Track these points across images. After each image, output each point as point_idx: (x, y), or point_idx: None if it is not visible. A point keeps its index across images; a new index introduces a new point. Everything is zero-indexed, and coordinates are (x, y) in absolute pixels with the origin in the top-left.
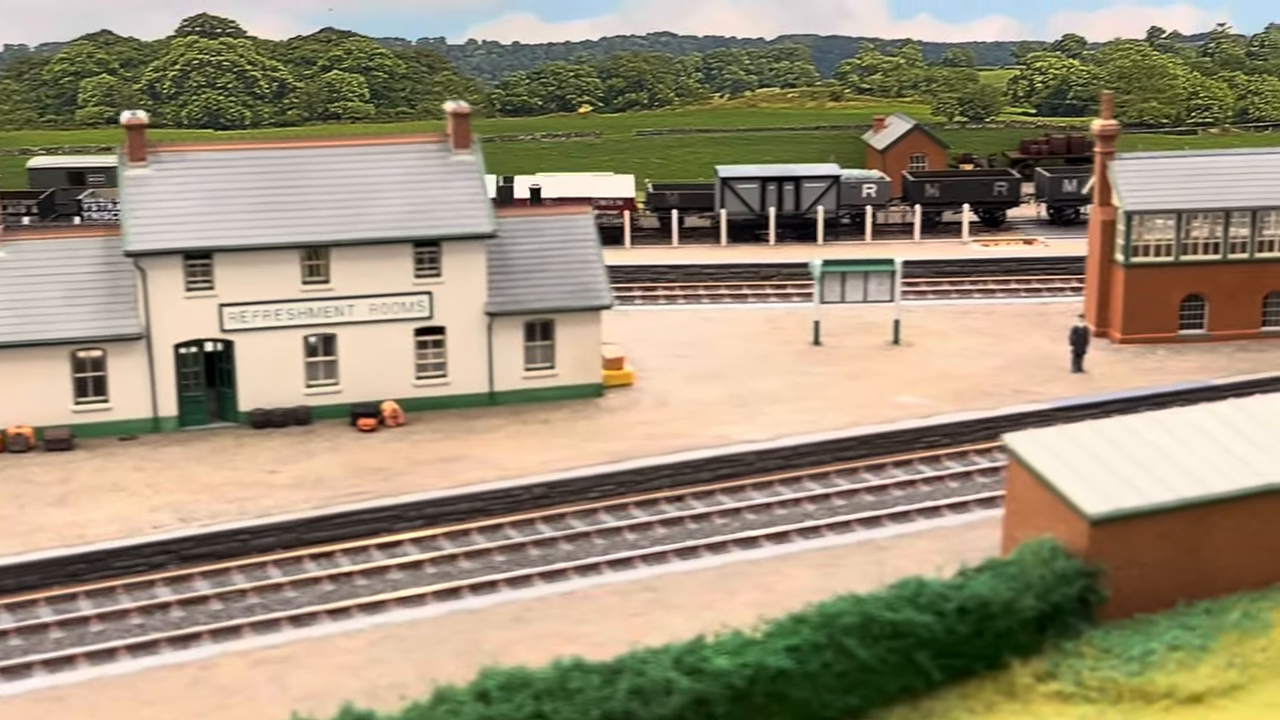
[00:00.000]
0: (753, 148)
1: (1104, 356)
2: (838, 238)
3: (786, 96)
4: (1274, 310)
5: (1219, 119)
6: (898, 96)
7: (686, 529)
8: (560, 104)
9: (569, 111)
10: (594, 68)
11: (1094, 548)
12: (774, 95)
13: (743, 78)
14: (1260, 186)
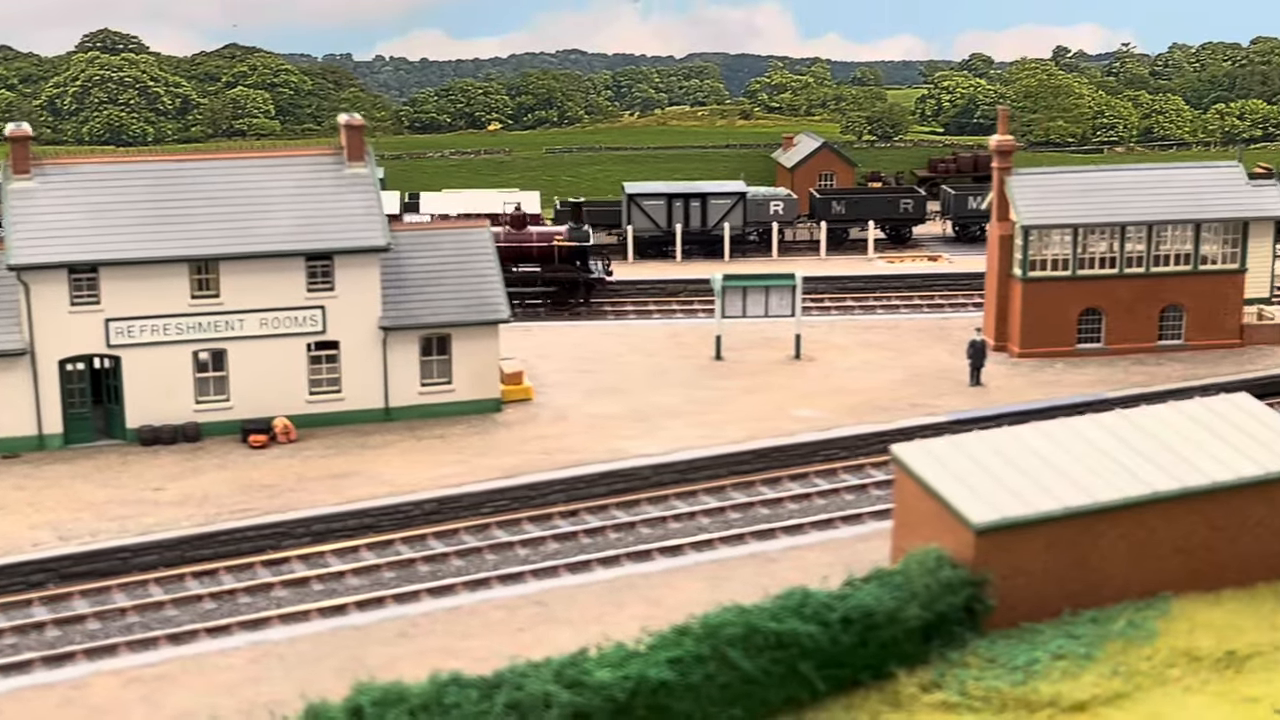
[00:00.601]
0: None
1: (1002, 370)
2: (745, 254)
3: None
4: (1170, 324)
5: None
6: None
7: (579, 543)
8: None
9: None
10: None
11: (980, 557)
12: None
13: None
14: (1156, 201)
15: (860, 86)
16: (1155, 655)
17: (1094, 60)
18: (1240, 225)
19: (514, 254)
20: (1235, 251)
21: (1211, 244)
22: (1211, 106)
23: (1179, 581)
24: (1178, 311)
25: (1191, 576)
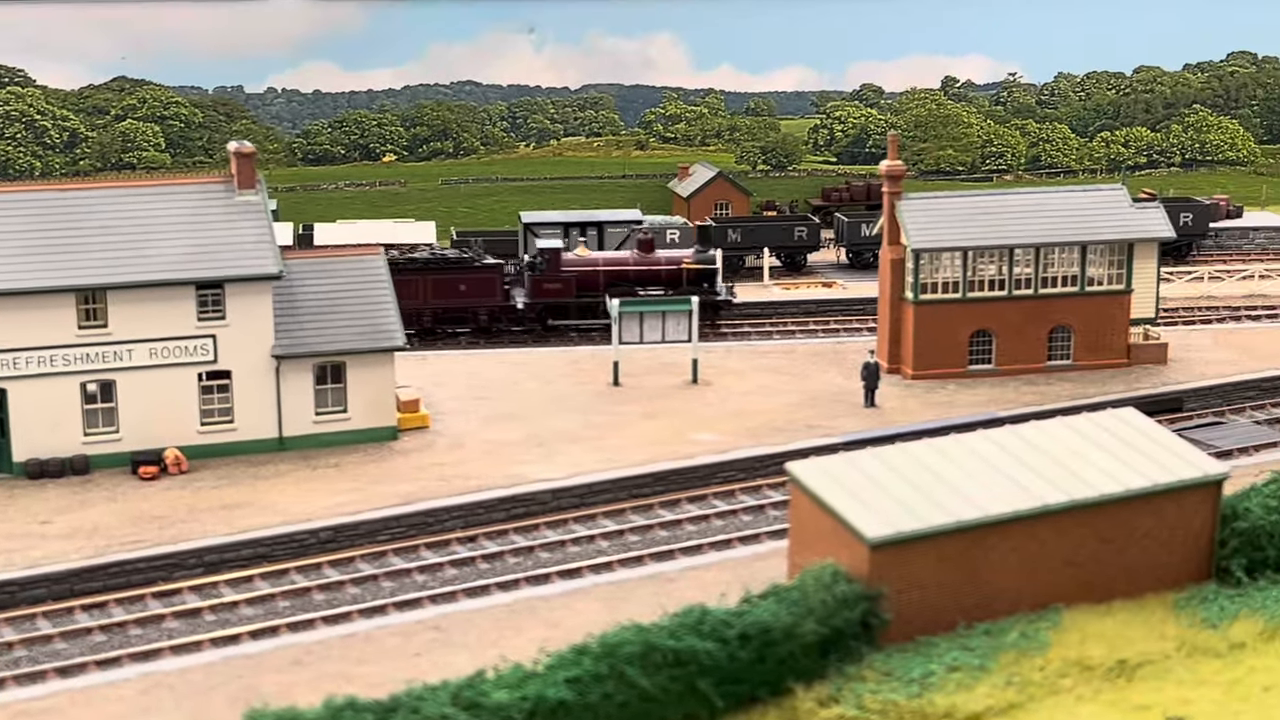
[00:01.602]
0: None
1: (896, 391)
2: None
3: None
4: (1059, 344)
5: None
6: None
7: (477, 569)
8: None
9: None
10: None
11: (875, 572)
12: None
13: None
14: (1043, 224)
15: (754, 117)
16: (1048, 666)
17: (982, 90)
18: (1125, 246)
19: (643, 277)
20: (1121, 272)
21: (1098, 265)
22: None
23: (1070, 593)
24: (1066, 332)
25: (1082, 588)
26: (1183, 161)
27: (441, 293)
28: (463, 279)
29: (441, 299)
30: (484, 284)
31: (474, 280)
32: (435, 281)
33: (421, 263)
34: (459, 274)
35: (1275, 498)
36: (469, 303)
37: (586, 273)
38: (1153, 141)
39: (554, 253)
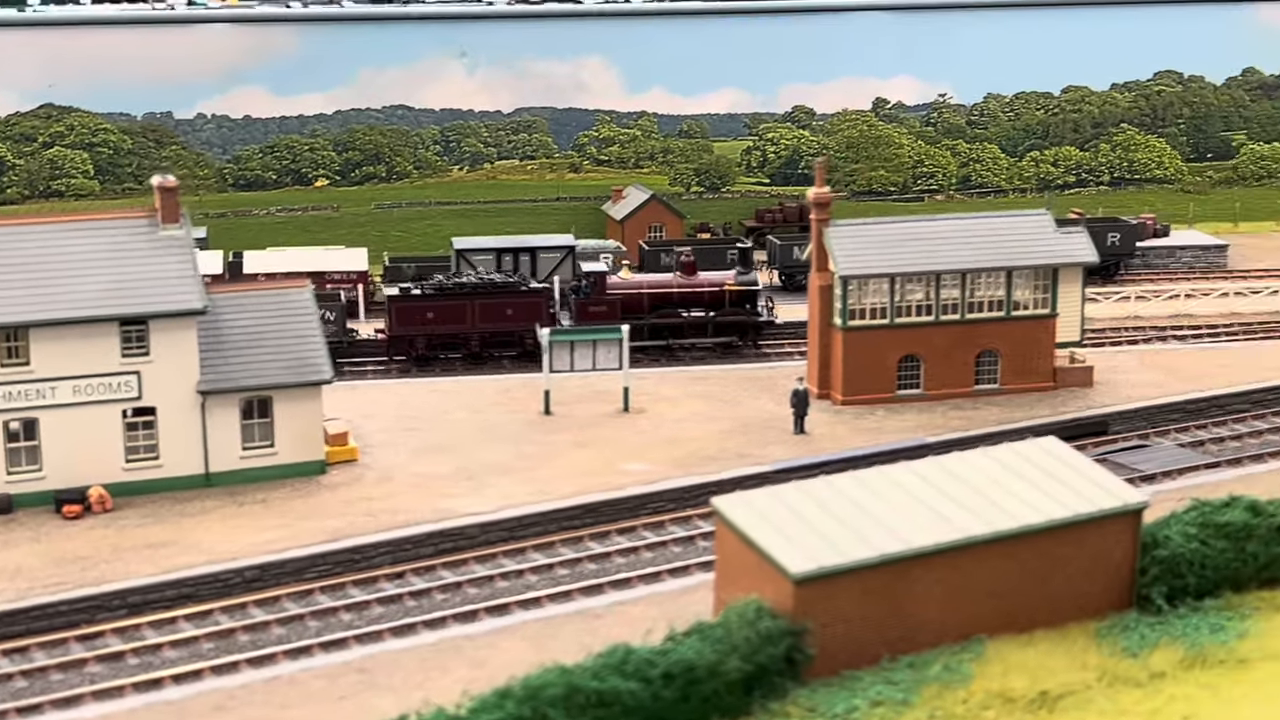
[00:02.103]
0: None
1: (826, 418)
2: None
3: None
4: (986, 368)
5: (944, 186)
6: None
7: (405, 606)
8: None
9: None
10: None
11: (799, 607)
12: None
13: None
14: (969, 250)
15: (687, 139)
16: (971, 698)
17: (912, 111)
18: (1050, 271)
19: (686, 299)
20: (1046, 297)
21: (1023, 290)
22: (1026, 154)
23: (993, 624)
24: (993, 356)
25: (1005, 619)
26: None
27: (489, 317)
28: (510, 303)
29: (489, 323)
30: (531, 308)
31: (521, 304)
32: (483, 306)
33: (470, 287)
34: (506, 298)
35: (1195, 525)
36: (516, 326)
37: (631, 296)
38: (1081, 160)
39: (600, 276)
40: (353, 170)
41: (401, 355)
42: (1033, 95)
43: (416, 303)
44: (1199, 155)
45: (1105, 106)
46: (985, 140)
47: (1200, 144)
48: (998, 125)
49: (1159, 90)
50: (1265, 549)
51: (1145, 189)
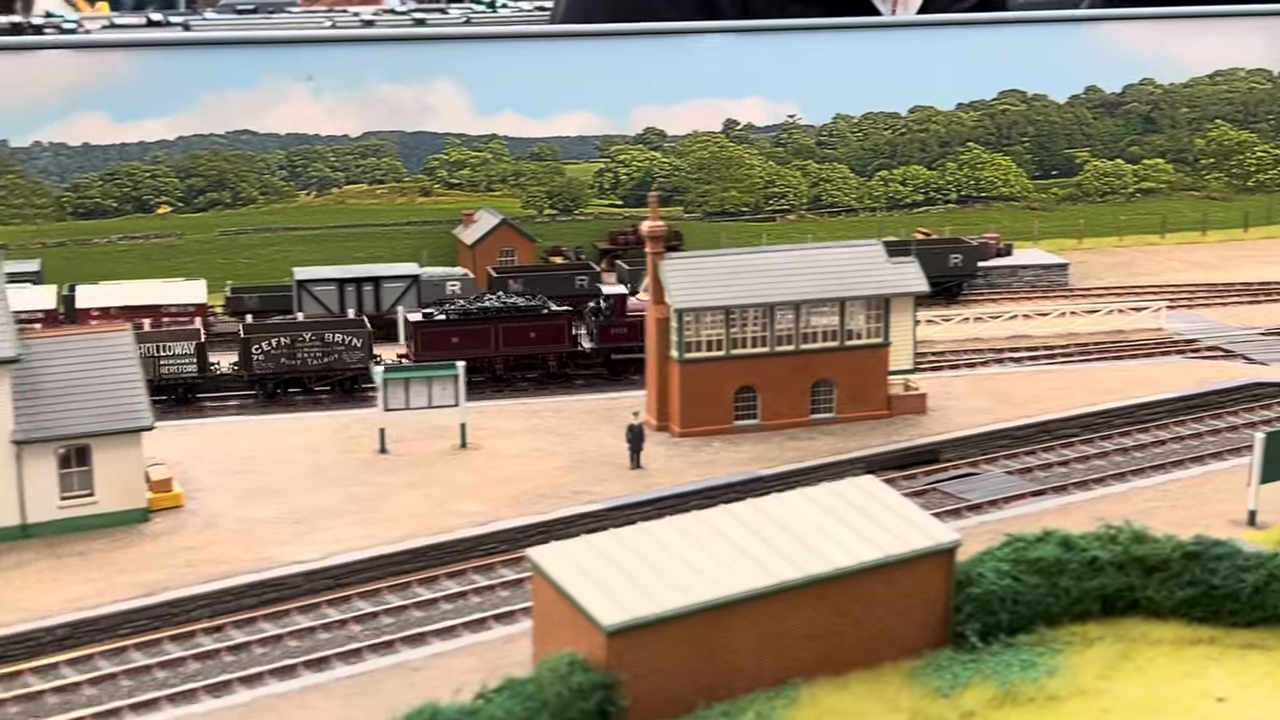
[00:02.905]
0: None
1: (663, 451)
2: None
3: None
4: (822, 398)
5: (795, 206)
6: (488, 190)
7: (222, 662)
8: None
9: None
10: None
11: (612, 659)
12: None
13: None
14: (803, 281)
15: (539, 162)
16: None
17: (762, 132)
18: (883, 301)
19: None
20: (879, 326)
21: (857, 320)
22: (875, 173)
23: (809, 667)
24: (828, 386)
25: (820, 662)
26: (959, 198)
27: (512, 340)
28: (533, 326)
29: (512, 346)
30: (554, 331)
31: (544, 327)
32: (506, 329)
33: (494, 311)
34: (529, 322)
35: (1008, 561)
36: (539, 349)
37: None
38: (929, 179)
39: (620, 299)
40: (196, 196)
41: None
42: (880, 115)
43: (441, 328)
44: (1044, 172)
45: (951, 126)
46: (835, 160)
47: (1045, 161)
48: (846, 145)
49: (1004, 109)
50: (1077, 583)
51: (992, 206)
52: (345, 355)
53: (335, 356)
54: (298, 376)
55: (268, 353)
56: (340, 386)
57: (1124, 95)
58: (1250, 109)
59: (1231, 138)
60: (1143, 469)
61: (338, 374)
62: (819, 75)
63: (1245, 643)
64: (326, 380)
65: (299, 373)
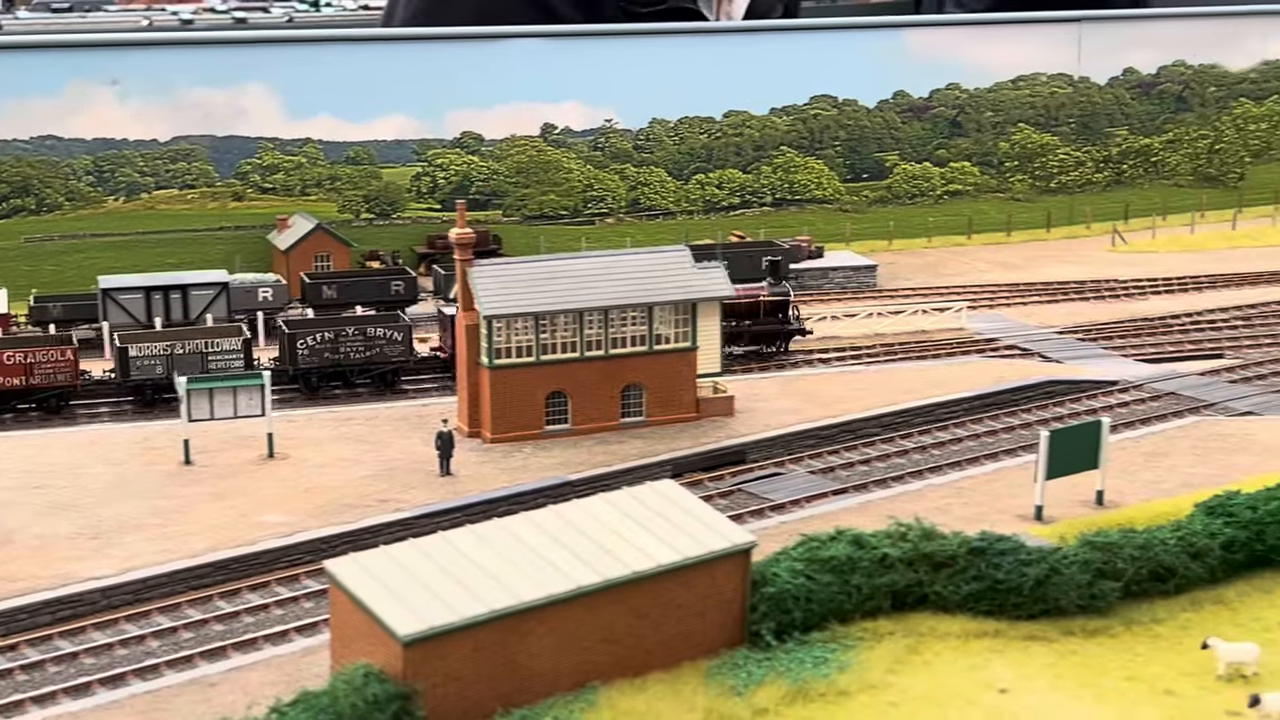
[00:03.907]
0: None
1: (474, 457)
2: None
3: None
4: (631, 402)
5: (613, 209)
6: (302, 195)
7: (15, 681)
8: None
9: None
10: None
11: (409, 669)
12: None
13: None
14: (611, 287)
15: (354, 166)
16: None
17: (580, 136)
18: (690, 306)
19: (726, 311)
20: (687, 330)
21: (665, 325)
22: (692, 177)
23: (607, 670)
24: (638, 390)
25: (619, 664)
26: (774, 201)
27: None
28: None
29: None
30: None
31: None
32: None
33: None
34: None
35: (802, 561)
36: None
37: None
38: (745, 183)
39: None
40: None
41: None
42: (696, 120)
43: None
44: (855, 175)
45: (765, 130)
46: (652, 164)
47: (856, 165)
48: (664, 149)
49: (815, 114)
50: (868, 581)
51: (806, 209)
52: (387, 349)
53: (377, 350)
54: (340, 370)
55: (312, 347)
56: (381, 380)
57: (931, 100)
58: (1052, 113)
59: (1034, 141)
60: (939, 466)
61: (379, 367)
62: (636, 80)
63: (1028, 634)
64: (367, 374)
65: (342, 366)
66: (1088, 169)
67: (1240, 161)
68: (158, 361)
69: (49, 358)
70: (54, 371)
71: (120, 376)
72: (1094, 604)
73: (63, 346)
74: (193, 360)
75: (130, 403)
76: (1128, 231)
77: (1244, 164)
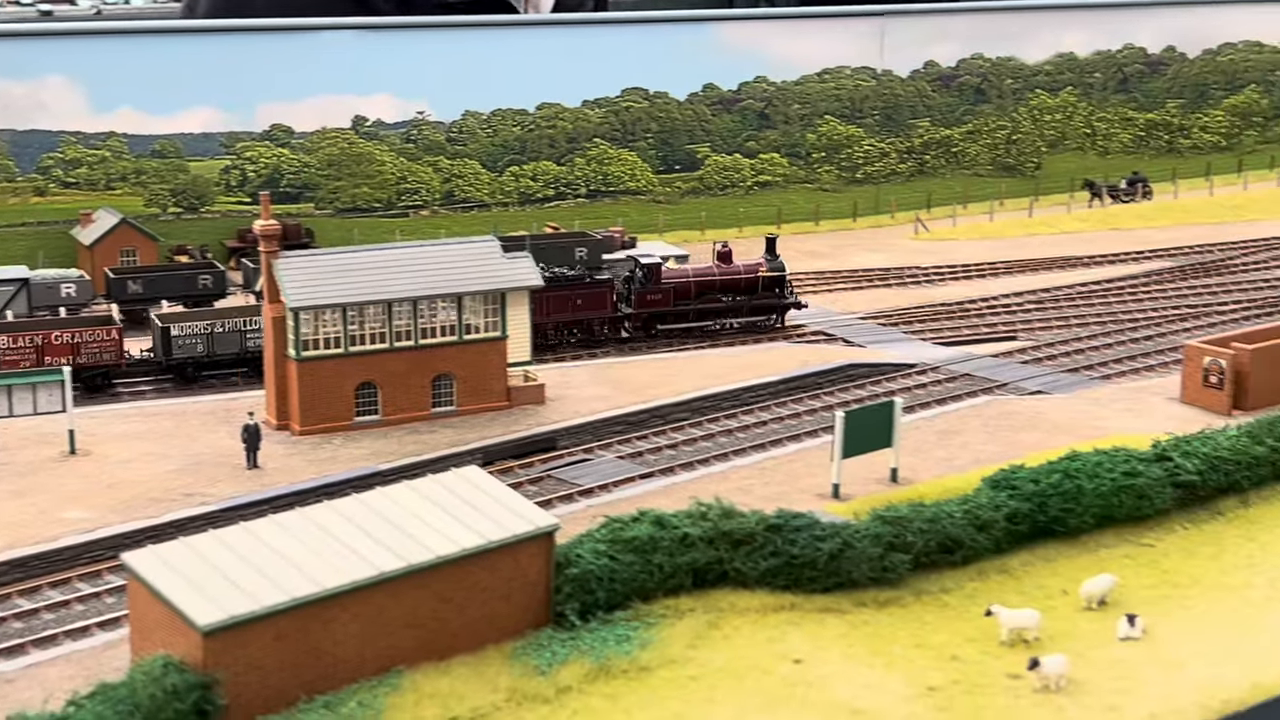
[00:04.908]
0: None
1: (282, 450)
2: None
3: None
4: (442, 392)
5: (428, 201)
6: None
7: None
8: None
9: None
10: None
11: (209, 658)
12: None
13: None
14: (421, 277)
15: (161, 159)
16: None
17: (392, 128)
18: (499, 295)
19: (726, 286)
20: (496, 320)
21: (474, 314)
22: (507, 169)
23: (412, 655)
24: (449, 379)
25: (424, 648)
26: (589, 193)
27: (561, 307)
28: (579, 294)
29: (561, 313)
30: (598, 298)
31: (589, 294)
32: (555, 298)
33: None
34: (576, 290)
35: (605, 542)
36: (585, 315)
37: (682, 284)
38: (559, 175)
39: (655, 268)
40: None
41: None
42: (509, 112)
43: None
44: (668, 167)
45: (578, 122)
46: (466, 156)
47: (668, 156)
48: (477, 141)
49: (628, 106)
50: (670, 560)
51: (621, 200)
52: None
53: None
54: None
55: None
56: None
57: (740, 93)
58: (857, 105)
59: (840, 132)
60: (743, 449)
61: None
62: (447, 72)
63: (823, 607)
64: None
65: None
66: (892, 160)
67: (1037, 151)
68: (198, 340)
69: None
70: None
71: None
72: (885, 576)
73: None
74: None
75: None
76: (930, 220)
77: (1040, 154)
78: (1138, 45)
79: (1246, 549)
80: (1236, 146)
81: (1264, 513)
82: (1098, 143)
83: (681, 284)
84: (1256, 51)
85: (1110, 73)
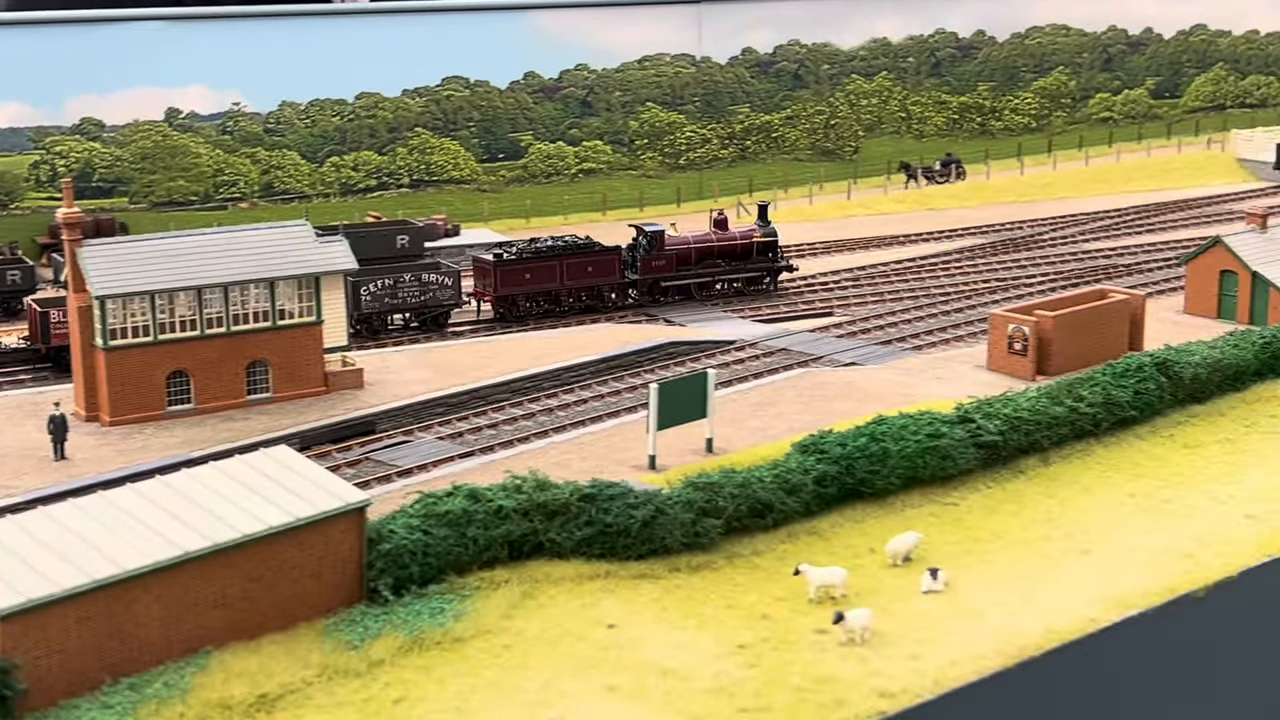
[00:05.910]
0: None
1: (92, 441)
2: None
3: None
4: (257, 378)
5: (246, 193)
6: None
7: None
8: None
9: None
10: None
11: (7, 643)
12: None
13: None
14: (231, 263)
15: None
16: (189, 711)
17: (207, 120)
18: (313, 280)
19: (724, 251)
20: (311, 305)
21: (288, 299)
22: (327, 160)
23: (221, 634)
24: (264, 366)
25: (233, 628)
26: (411, 182)
27: (574, 274)
28: (590, 261)
29: (574, 280)
30: (608, 265)
31: (599, 262)
32: (569, 265)
33: (559, 249)
34: (587, 257)
35: (418, 517)
36: (595, 281)
37: (683, 250)
38: (381, 164)
39: (659, 235)
40: None
41: (504, 311)
42: (327, 102)
43: (516, 266)
44: (491, 156)
45: (399, 112)
46: (285, 147)
47: (491, 145)
48: (296, 132)
49: (449, 95)
50: (484, 532)
51: (444, 189)
52: (439, 293)
53: (430, 295)
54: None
55: (374, 293)
56: (434, 321)
57: (561, 81)
58: (677, 92)
59: (662, 119)
60: (563, 426)
61: (432, 310)
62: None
63: (637, 574)
64: (421, 315)
65: (400, 310)
66: (714, 146)
67: (854, 135)
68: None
69: None
70: None
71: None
72: (698, 541)
73: None
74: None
75: None
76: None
77: (858, 138)
78: (949, 30)
79: (1046, 505)
80: (1046, 127)
81: (1063, 470)
82: (913, 126)
83: (683, 250)
84: (1064, 34)
85: (923, 57)
